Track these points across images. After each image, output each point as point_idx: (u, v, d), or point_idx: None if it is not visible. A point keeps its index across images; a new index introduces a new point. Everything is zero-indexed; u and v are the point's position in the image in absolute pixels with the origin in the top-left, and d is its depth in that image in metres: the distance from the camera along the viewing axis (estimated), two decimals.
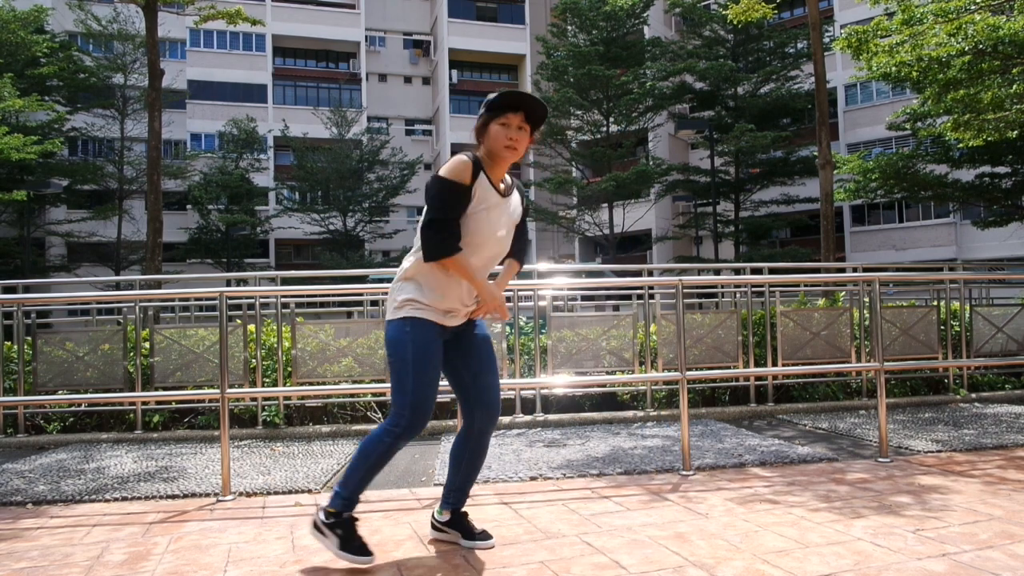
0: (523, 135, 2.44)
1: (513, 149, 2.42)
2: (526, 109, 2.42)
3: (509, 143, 2.41)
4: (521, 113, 2.42)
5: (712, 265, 10.77)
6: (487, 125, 2.44)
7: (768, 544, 2.56)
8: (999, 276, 12.42)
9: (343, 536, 2.40)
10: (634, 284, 7.62)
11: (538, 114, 2.45)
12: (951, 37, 7.50)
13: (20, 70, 20.24)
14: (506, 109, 2.41)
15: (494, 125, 2.42)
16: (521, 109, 2.42)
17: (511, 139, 2.41)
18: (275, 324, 5.66)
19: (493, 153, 2.45)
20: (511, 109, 2.41)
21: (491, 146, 2.43)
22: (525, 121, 2.44)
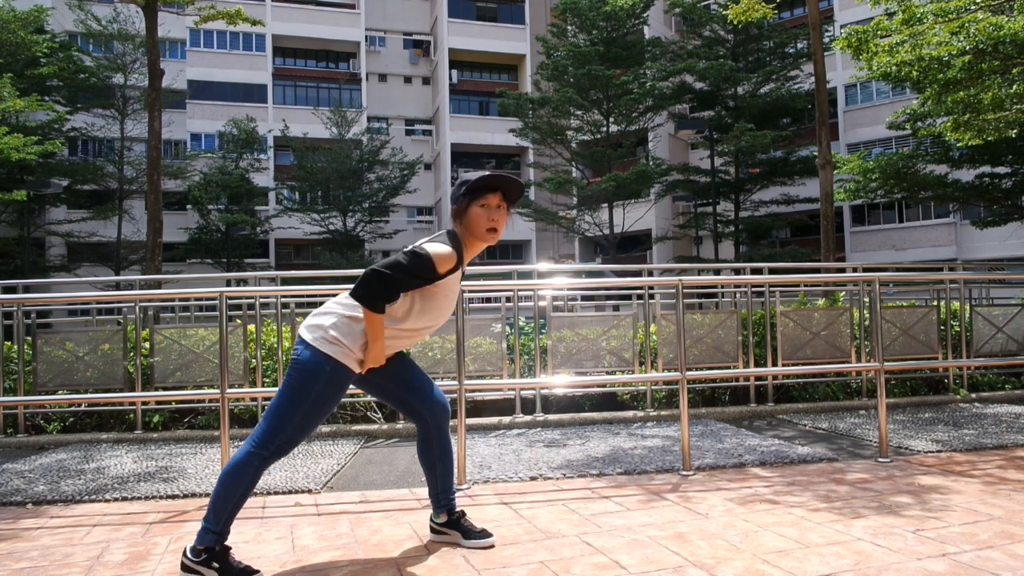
0: (502, 213, 2.48)
1: (494, 231, 2.46)
2: (504, 189, 2.46)
3: (491, 224, 2.44)
4: (499, 193, 2.46)
5: (712, 265, 10.77)
6: (468, 207, 2.45)
7: (768, 544, 2.56)
8: (999, 276, 12.43)
9: (221, 568, 2.28)
10: (634, 284, 7.63)
11: (515, 192, 2.49)
12: (953, 36, 7.50)
13: (20, 70, 20.23)
14: (486, 191, 2.44)
15: (474, 207, 2.44)
16: (499, 190, 2.46)
17: (492, 220, 2.44)
18: (275, 324, 5.66)
19: (474, 236, 2.48)
20: (490, 191, 2.44)
21: (472, 229, 2.46)
22: (503, 199, 2.48)
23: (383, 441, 5.09)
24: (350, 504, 3.32)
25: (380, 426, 5.38)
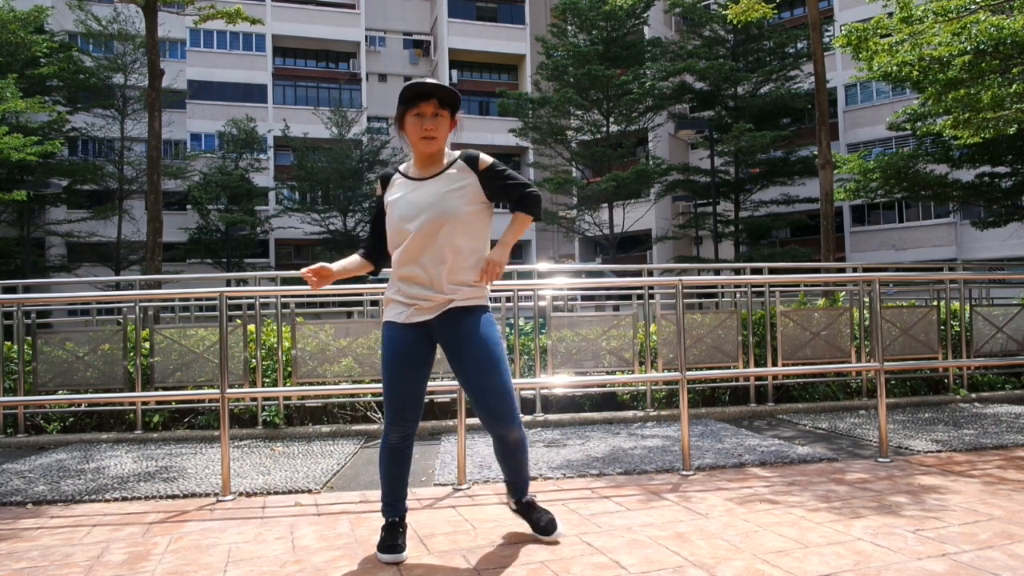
0: (440, 122, 2.45)
1: (431, 139, 2.44)
2: (438, 95, 2.43)
3: (426, 133, 2.43)
4: (434, 100, 2.42)
5: (712, 265, 10.77)
6: (403, 118, 2.47)
7: (768, 544, 2.56)
8: (999, 276, 12.42)
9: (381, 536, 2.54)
10: (634, 284, 7.62)
11: (452, 98, 2.46)
12: (955, 37, 7.50)
13: (20, 70, 20.22)
14: (417, 100, 2.42)
15: (408, 117, 2.45)
16: (433, 96, 2.42)
17: (427, 128, 2.43)
18: (275, 324, 5.66)
19: (413, 145, 2.48)
20: (422, 99, 2.42)
21: (410, 139, 2.48)
22: (440, 107, 2.44)
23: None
24: (350, 504, 3.32)
25: (380, 426, 5.38)
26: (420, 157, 2.51)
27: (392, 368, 2.49)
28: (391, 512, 2.56)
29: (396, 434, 2.52)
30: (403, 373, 2.49)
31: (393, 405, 2.50)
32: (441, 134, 2.46)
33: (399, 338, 2.50)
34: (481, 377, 2.46)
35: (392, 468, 2.55)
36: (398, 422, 2.51)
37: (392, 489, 2.56)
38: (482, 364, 2.46)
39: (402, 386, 2.49)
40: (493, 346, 2.49)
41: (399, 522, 2.56)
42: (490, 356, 2.47)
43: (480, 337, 2.47)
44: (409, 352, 2.49)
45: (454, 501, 3.30)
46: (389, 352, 2.51)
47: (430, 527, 2.89)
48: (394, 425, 2.51)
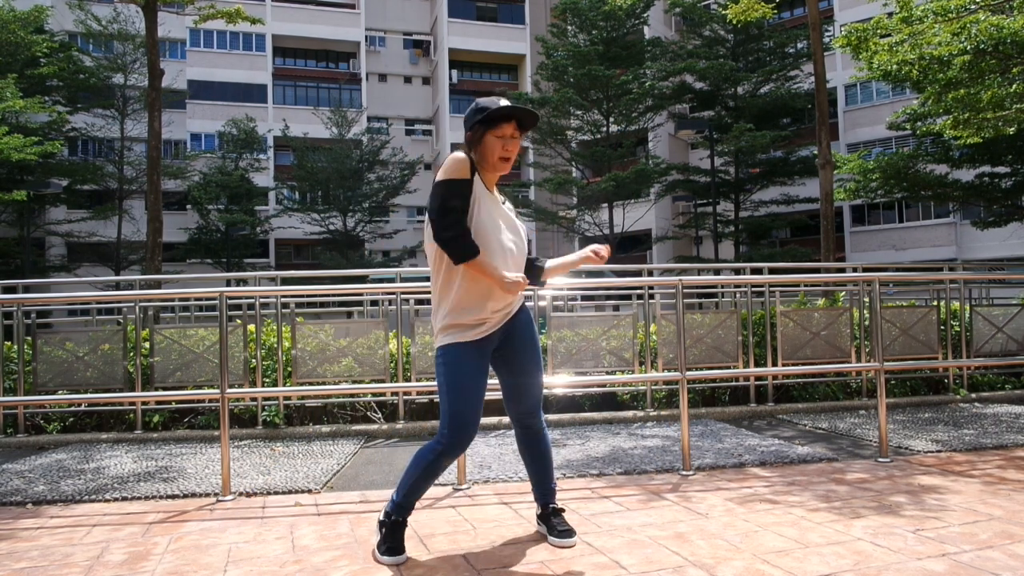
0: (515, 143, 2.49)
1: (507, 160, 2.48)
2: (519, 118, 2.48)
3: (504, 154, 2.46)
4: (514, 122, 2.47)
5: (712, 265, 10.76)
6: (483, 136, 2.47)
7: (768, 544, 2.56)
8: (999, 276, 12.42)
9: (383, 536, 2.53)
10: (634, 284, 7.62)
11: (529, 121, 2.50)
12: (955, 36, 7.50)
13: (20, 70, 20.21)
14: (501, 120, 2.44)
15: (489, 136, 2.45)
16: (514, 118, 2.47)
17: (506, 149, 2.46)
18: (275, 324, 5.66)
19: (487, 163, 2.49)
20: (505, 120, 2.45)
21: (486, 156, 2.48)
22: (517, 130, 2.49)
23: (383, 441, 5.09)
24: (350, 504, 3.32)
25: (380, 426, 5.38)
26: (491, 176, 2.54)
27: (466, 388, 2.45)
28: (404, 513, 2.55)
29: (457, 452, 2.48)
30: (472, 392, 2.46)
31: (457, 421, 2.44)
32: (514, 155, 2.52)
33: (474, 359, 2.47)
34: (529, 376, 2.61)
35: (430, 480, 2.53)
36: (461, 442, 2.46)
37: (417, 496, 2.57)
38: (530, 364, 2.62)
39: (468, 404, 2.45)
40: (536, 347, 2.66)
41: (403, 523, 2.57)
42: (535, 356, 2.65)
43: (533, 338, 2.64)
44: (477, 371, 2.49)
45: (454, 501, 3.30)
46: (462, 373, 2.45)
47: (430, 527, 2.89)
48: (460, 446, 2.47)
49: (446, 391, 2.46)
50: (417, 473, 2.48)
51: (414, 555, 2.55)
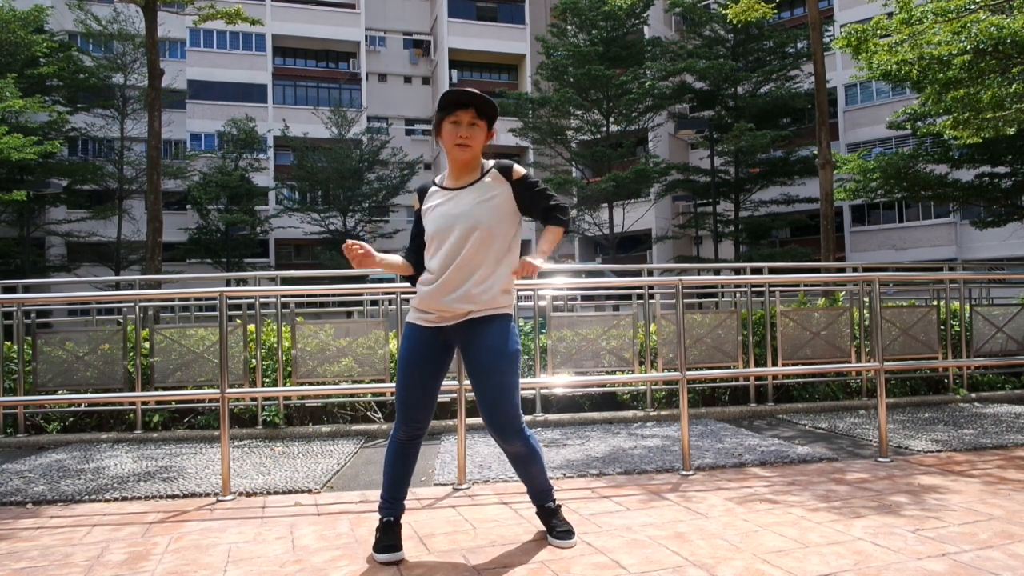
0: (476, 131, 2.46)
1: (465, 146, 2.45)
2: (476, 105, 2.44)
3: (460, 140, 2.44)
4: (472, 110, 2.43)
5: (712, 265, 10.76)
6: (440, 124, 2.48)
7: (768, 544, 2.56)
8: (999, 276, 12.41)
9: (377, 536, 2.55)
10: (634, 284, 7.62)
11: (490, 109, 2.47)
12: (955, 36, 7.49)
13: (20, 70, 20.22)
14: (455, 107, 2.43)
15: (446, 123, 2.46)
16: (471, 106, 2.43)
17: (462, 136, 2.44)
18: (275, 324, 5.66)
19: (447, 152, 2.51)
20: (460, 106, 2.43)
21: (445, 146, 2.50)
22: (478, 117, 2.45)
23: (383, 441, 5.09)
24: (350, 504, 3.32)
25: (380, 426, 5.38)
26: (454, 165, 2.54)
27: (408, 370, 2.54)
28: (389, 510, 2.55)
29: (405, 433, 2.55)
30: (412, 376, 2.53)
31: (401, 403, 2.54)
32: (476, 143, 2.47)
33: (418, 341, 2.55)
34: (485, 380, 2.49)
35: (396, 467, 2.57)
36: (409, 422, 2.55)
37: (393, 487, 2.57)
38: (486, 370, 2.48)
39: (409, 390, 2.53)
40: (495, 354, 2.48)
41: (395, 522, 2.55)
42: (493, 362, 2.48)
43: (492, 348, 2.49)
44: (425, 355, 2.54)
45: (454, 501, 3.30)
46: (406, 354, 2.54)
47: (430, 527, 2.89)
48: (405, 425, 2.54)
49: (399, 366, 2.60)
50: (385, 466, 2.59)
51: (414, 555, 2.55)
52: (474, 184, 2.52)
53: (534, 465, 2.60)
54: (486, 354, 2.48)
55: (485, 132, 2.49)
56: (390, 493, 2.57)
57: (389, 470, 2.57)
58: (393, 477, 2.57)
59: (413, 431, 2.56)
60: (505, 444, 2.54)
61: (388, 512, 2.55)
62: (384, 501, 2.56)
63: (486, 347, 2.48)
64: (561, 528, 2.62)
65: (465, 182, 2.53)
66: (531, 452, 2.57)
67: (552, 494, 2.70)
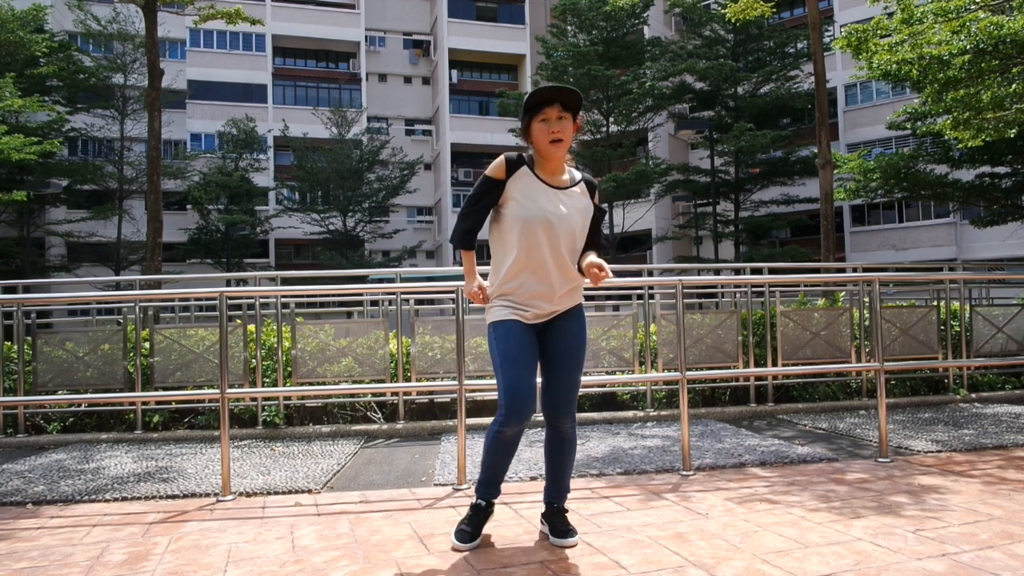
0: (565, 124, 2.50)
1: (558, 141, 2.49)
2: (561, 99, 2.49)
3: (553, 136, 2.48)
4: (557, 104, 2.49)
5: (712, 265, 10.76)
6: (529, 126, 2.53)
7: (768, 544, 2.56)
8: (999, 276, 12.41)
9: (463, 518, 2.66)
10: (634, 284, 7.62)
11: (574, 100, 2.51)
12: (954, 35, 7.49)
13: (19, 70, 20.21)
14: (542, 105, 2.48)
15: (535, 124, 2.51)
16: (557, 101, 2.48)
17: (554, 132, 2.48)
18: (275, 324, 5.66)
19: (541, 151, 2.53)
20: (547, 103, 2.48)
21: (538, 145, 2.53)
22: (563, 110, 2.50)
23: (383, 441, 5.09)
24: (350, 504, 3.32)
25: (380, 426, 5.38)
26: (549, 162, 2.56)
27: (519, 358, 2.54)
28: (486, 492, 2.63)
29: (515, 427, 2.54)
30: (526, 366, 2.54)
31: (512, 393, 2.52)
32: (567, 136, 2.51)
33: (522, 333, 2.55)
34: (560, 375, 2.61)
35: (502, 457, 2.61)
36: (516, 412, 2.52)
37: (495, 476, 2.64)
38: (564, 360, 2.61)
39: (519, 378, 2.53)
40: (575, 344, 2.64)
41: (486, 506, 2.64)
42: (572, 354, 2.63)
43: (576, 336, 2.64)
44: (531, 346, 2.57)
45: (454, 501, 3.30)
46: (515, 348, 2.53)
47: (430, 527, 2.89)
48: (517, 417, 2.53)
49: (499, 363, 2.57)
50: (486, 452, 2.61)
51: (414, 555, 2.55)
52: (571, 188, 2.59)
53: (571, 454, 2.68)
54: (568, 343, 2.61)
55: (572, 123, 2.53)
56: (490, 480, 2.64)
57: (492, 460, 2.60)
58: (498, 467, 2.62)
59: (522, 422, 2.55)
60: (562, 424, 2.63)
61: (486, 494, 2.63)
62: (482, 485, 2.63)
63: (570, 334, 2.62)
64: (563, 526, 2.63)
65: (562, 182, 2.57)
66: (575, 437, 2.68)
67: (567, 495, 2.73)
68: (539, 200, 2.50)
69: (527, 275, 2.51)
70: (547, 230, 2.48)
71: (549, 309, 2.57)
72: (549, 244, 2.49)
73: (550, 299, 2.54)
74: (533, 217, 2.47)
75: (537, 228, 2.47)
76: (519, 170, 2.54)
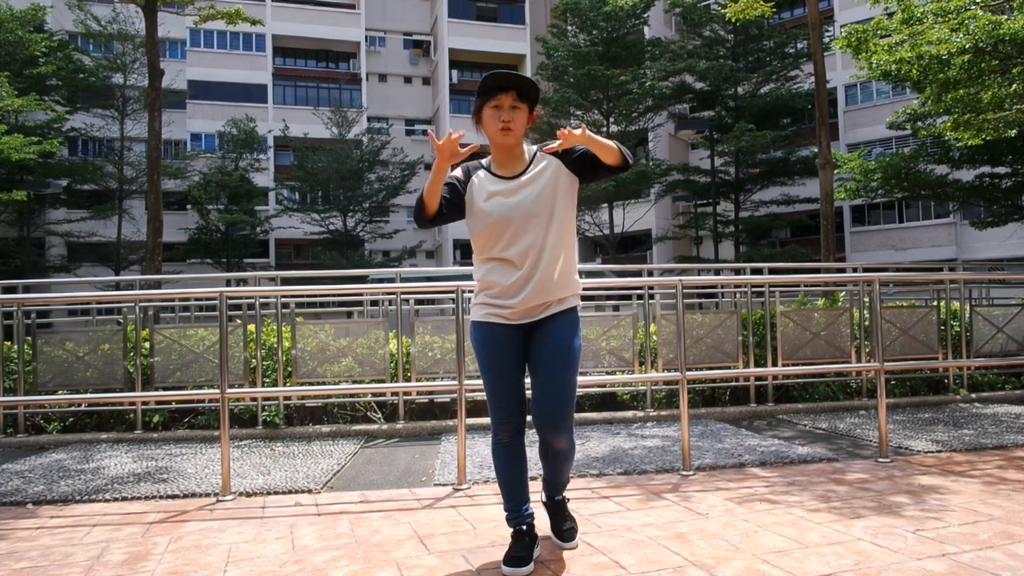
0: (518, 114, 2.34)
1: (507, 131, 2.32)
2: (516, 87, 2.32)
3: (504, 124, 2.32)
4: (512, 92, 2.32)
5: (712, 265, 10.76)
6: (480, 110, 2.37)
7: (768, 544, 2.56)
8: (999, 276, 12.41)
9: (510, 545, 2.41)
10: (634, 284, 7.62)
11: (531, 91, 2.34)
12: (953, 33, 7.49)
13: (18, 69, 20.23)
14: (496, 91, 2.32)
15: (487, 109, 2.34)
16: (512, 88, 2.31)
17: (504, 121, 2.32)
18: (275, 324, 5.66)
19: (491, 140, 2.38)
20: (500, 90, 2.32)
21: (487, 133, 2.37)
22: (519, 100, 2.33)
23: (383, 441, 5.09)
24: (350, 504, 3.32)
25: (380, 426, 5.38)
26: (499, 151, 2.41)
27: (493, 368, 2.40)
28: (516, 520, 2.42)
29: (508, 432, 2.42)
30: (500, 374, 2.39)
31: (496, 403, 2.41)
32: (518, 126, 2.34)
33: (500, 338, 2.39)
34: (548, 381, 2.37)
35: (509, 469, 2.44)
36: (505, 422, 2.41)
37: (513, 493, 2.44)
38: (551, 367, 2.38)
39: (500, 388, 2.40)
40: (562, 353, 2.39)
41: (527, 531, 2.41)
42: (559, 360, 2.39)
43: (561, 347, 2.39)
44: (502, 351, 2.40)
45: (454, 501, 3.30)
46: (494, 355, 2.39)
47: (430, 527, 2.89)
48: (507, 424, 2.41)
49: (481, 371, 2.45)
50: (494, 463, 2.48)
51: (414, 555, 2.55)
52: (529, 169, 2.40)
53: (566, 462, 2.54)
54: (554, 351, 2.38)
55: (527, 115, 2.37)
56: (512, 502, 2.44)
57: (503, 477, 2.45)
58: (510, 482, 2.44)
59: (516, 428, 2.43)
60: (554, 441, 2.42)
61: (517, 521, 2.42)
62: (509, 512, 2.44)
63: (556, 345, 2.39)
64: (566, 526, 2.60)
65: (515, 171, 2.40)
66: (571, 450, 2.52)
67: (566, 486, 2.64)
68: (495, 198, 2.36)
69: (499, 273, 2.36)
70: (506, 227, 2.33)
71: (532, 307, 2.36)
72: (516, 240, 2.33)
73: (527, 297, 2.34)
74: (493, 219, 2.34)
75: (499, 228, 2.33)
76: (474, 174, 2.44)
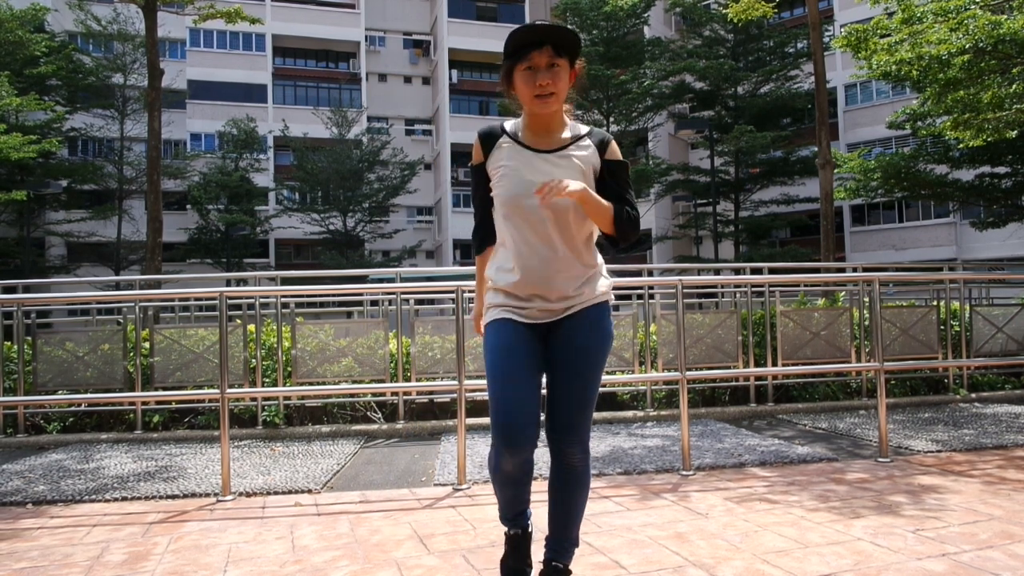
0: (558, 72, 1.89)
1: (545, 97, 1.89)
2: (553, 41, 1.88)
3: (540, 90, 1.88)
4: (548, 47, 1.88)
5: (712, 265, 10.76)
6: (510, 74, 1.94)
7: (768, 544, 2.56)
8: (999, 276, 12.41)
9: (504, 553, 2.16)
10: (634, 284, 7.62)
11: (570, 41, 1.91)
12: (952, 32, 7.50)
13: (18, 69, 20.22)
14: (528, 48, 1.88)
15: (519, 72, 1.91)
16: (547, 43, 1.88)
17: (541, 85, 1.87)
18: (275, 324, 5.66)
19: (526, 109, 1.97)
20: (533, 46, 1.87)
21: (522, 99, 1.94)
22: (556, 55, 1.89)
23: (383, 441, 5.09)
24: (350, 504, 3.32)
25: (380, 426, 5.38)
26: (536, 121, 1.98)
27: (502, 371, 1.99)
28: (512, 523, 2.13)
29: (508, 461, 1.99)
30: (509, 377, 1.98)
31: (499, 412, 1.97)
32: (560, 88, 1.90)
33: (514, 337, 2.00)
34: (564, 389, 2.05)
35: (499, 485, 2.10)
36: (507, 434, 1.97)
37: (512, 505, 2.12)
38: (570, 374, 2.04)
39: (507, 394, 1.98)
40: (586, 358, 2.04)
41: (522, 535, 2.12)
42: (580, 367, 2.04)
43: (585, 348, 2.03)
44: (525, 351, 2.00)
45: (454, 501, 3.30)
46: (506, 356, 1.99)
47: (430, 527, 2.89)
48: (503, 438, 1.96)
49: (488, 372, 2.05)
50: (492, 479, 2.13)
51: (414, 555, 2.55)
52: (570, 147, 1.99)
53: (582, 493, 2.10)
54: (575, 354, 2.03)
55: (568, 72, 1.93)
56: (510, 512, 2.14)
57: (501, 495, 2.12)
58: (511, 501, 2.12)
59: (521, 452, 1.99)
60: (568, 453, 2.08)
61: (510, 525, 2.14)
62: (502, 517, 2.17)
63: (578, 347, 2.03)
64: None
65: (557, 142, 1.98)
66: (587, 472, 2.11)
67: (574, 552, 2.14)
68: (522, 172, 1.94)
69: (518, 262, 1.96)
70: (534, 206, 1.92)
71: (552, 305, 1.98)
72: (539, 222, 1.93)
73: (548, 291, 1.96)
74: (516, 194, 1.93)
75: (522, 205, 1.93)
76: (497, 142, 2.01)
